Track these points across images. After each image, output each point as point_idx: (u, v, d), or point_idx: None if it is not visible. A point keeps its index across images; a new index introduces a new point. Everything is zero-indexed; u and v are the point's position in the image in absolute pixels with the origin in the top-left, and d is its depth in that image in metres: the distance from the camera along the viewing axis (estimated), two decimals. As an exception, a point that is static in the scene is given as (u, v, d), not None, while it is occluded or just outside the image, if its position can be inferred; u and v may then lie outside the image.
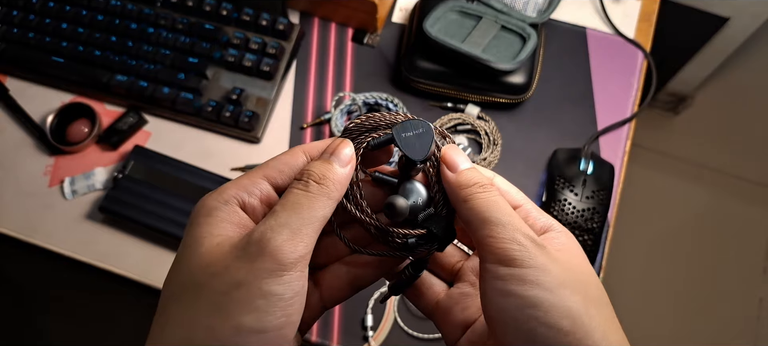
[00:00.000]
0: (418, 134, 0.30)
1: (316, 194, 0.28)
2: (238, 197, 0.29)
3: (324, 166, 0.29)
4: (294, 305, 0.26)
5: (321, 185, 0.28)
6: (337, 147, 0.30)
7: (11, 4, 0.76)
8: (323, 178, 0.29)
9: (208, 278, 0.26)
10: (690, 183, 1.58)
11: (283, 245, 0.26)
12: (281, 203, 0.28)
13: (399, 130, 0.31)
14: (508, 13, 0.71)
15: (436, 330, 0.63)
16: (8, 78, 0.76)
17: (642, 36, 0.77)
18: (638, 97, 0.74)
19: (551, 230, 0.31)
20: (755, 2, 1.06)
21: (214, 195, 0.29)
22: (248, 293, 0.25)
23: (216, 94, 0.72)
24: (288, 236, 0.26)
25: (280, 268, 0.26)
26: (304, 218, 0.27)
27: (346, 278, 0.33)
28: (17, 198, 0.70)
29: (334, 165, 0.30)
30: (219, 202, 0.29)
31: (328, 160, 0.30)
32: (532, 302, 0.26)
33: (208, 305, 0.26)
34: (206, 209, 0.29)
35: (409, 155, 0.30)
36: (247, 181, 0.30)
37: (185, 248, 0.28)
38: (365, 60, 0.76)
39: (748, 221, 1.54)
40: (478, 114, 0.71)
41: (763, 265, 1.50)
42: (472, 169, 0.31)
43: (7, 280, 1.36)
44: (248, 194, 0.29)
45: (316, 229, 0.28)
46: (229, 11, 0.74)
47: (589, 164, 0.66)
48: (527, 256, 0.27)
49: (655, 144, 1.61)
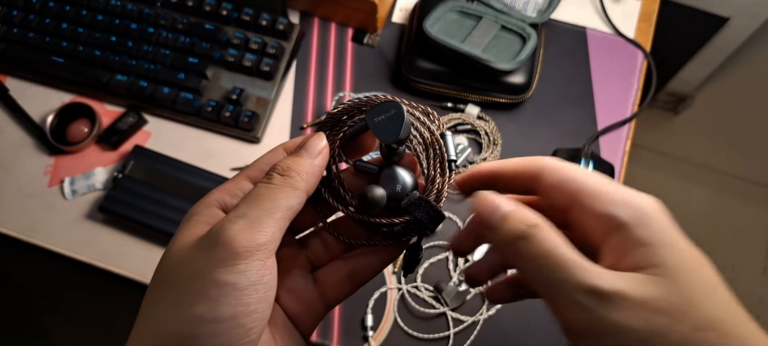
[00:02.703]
0: (390, 116, 0.29)
1: (279, 185, 0.28)
2: (220, 199, 0.30)
3: (290, 159, 0.29)
4: (251, 295, 0.26)
5: (285, 176, 0.28)
6: (309, 140, 0.30)
7: (11, 4, 0.76)
8: (288, 169, 0.29)
9: (172, 273, 0.27)
10: (690, 183, 1.58)
11: (237, 235, 0.26)
12: (244, 197, 0.28)
13: (372, 115, 0.30)
14: (508, 13, 0.71)
15: (436, 330, 0.63)
16: (8, 78, 0.76)
17: (642, 36, 0.77)
18: (638, 97, 0.74)
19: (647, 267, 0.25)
20: (755, 2, 1.06)
21: (199, 201, 0.30)
22: (202, 283, 0.25)
23: (216, 94, 0.72)
24: (244, 225, 0.26)
25: (233, 257, 0.25)
26: (263, 208, 0.27)
27: (345, 273, 0.33)
28: (17, 198, 0.70)
29: (303, 157, 0.30)
30: (201, 206, 0.29)
31: (297, 153, 0.30)
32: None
33: (169, 297, 0.26)
34: (188, 214, 0.29)
35: (381, 139, 0.29)
36: (231, 184, 0.30)
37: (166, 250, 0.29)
38: (365, 60, 0.76)
39: (748, 221, 1.54)
40: (478, 114, 0.71)
41: (763, 265, 1.50)
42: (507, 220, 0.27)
43: (8, 280, 1.36)
44: (231, 196, 0.30)
45: (278, 219, 0.27)
46: (229, 11, 0.74)
47: (589, 164, 0.66)
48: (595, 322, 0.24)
49: (655, 144, 1.61)
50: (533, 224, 0.26)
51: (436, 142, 0.32)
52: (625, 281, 0.24)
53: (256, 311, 0.26)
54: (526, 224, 0.26)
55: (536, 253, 0.26)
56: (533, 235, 0.26)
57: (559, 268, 0.25)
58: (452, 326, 0.63)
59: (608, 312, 0.24)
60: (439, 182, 0.31)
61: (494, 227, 0.27)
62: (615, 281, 0.24)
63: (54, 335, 1.34)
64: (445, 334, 0.62)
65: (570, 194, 0.28)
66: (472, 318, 0.63)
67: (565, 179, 0.28)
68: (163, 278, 0.27)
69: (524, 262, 0.26)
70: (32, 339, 1.33)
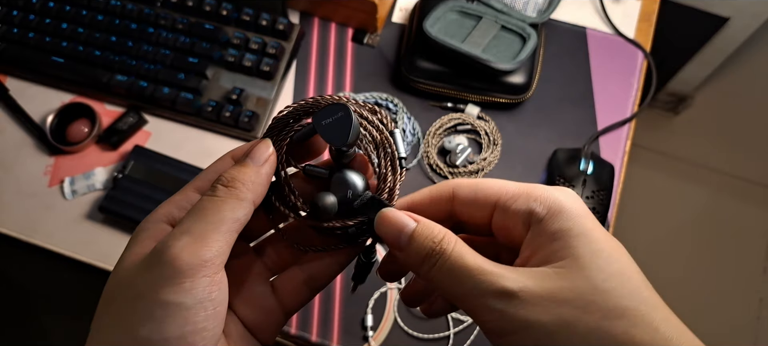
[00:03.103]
0: (338, 119, 0.29)
1: (224, 196, 0.27)
2: (168, 214, 0.29)
3: (235, 169, 0.28)
4: (199, 313, 0.25)
5: (229, 188, 0.28)
6: (254, 147, 0.29)
7: (11, 4, 0.76)
8: (232, 180, 0.28)
9: (118, 293, 0.26)
10: (690, 183, 1.58)
11: (181, 252, 0.25)
12: (189, 211, 0.27)
13: (319, 118, 0.29)
14: (508, 13, 0.71)
15: (436, 330, 0.63)
16: (8, 78, 0.76)
17: (642, 36, 0.77)
18: (638, 97, 0.74)
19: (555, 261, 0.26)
20: (755, 2, 1.06)
21: (147, 216, 0.29)
22: (147, 303, 0.24)
23: (216, 94, 0.72)
24: (188, 241, 0.25)
25: (178, 275, 0.24)
26: (208, 221, 0.26)
27: (302, 279, 0.32)
28: (17, 198, 0.70)
29: (248, 166, 0.29)
30: (149, 222, 0.29)
31: (242, 162, 0.29)
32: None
33: (116, 318, 0.25)
34: (136, 230, 0.29)
35: (330, 143, 0.29)
36: (179, 196, 0.30)
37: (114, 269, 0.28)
38: (365, 60, 0.76)
39: (748, 221, 1.54)
40: (478, 114, 0.71)
41: (763, 265, 1.50)
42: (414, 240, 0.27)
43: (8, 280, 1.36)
44: (178, 209, 0.29)
45: (224, 233, 0.26)
46: (229, 11, 0.74)
47: (589, 164, 0.66)
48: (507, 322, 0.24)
49: (655, 144, 1.61)
50: (440, 239, 0.27)
51: (386, 140, 0.31)
52: (531, 278, 0.25)
53: (205, 329, 0.25)
54: (433, 241, 0.27)
55: (446, 268, 0.26)
56: (441, 251, 0.27)
57: (468, 278, 0.26)
58: (452, 326, 0.63)
59: (516, 310, 0.24)
60: (390, 180, 0.31)
61: (403, 249, 0.28)
62: (520, 279, 0.25)
63: (54, 335, 1.34)
64: (445, 334, 0.62)
65: (488, 202, 0.29)
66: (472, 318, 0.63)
67: (479, 190, 0.29)
68: (110, 297, 0.27)
69: (437, 278, 0.27)
70: (32, 339, 1.33)
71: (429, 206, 0.31)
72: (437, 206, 0.31)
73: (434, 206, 0.31)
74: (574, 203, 0.27)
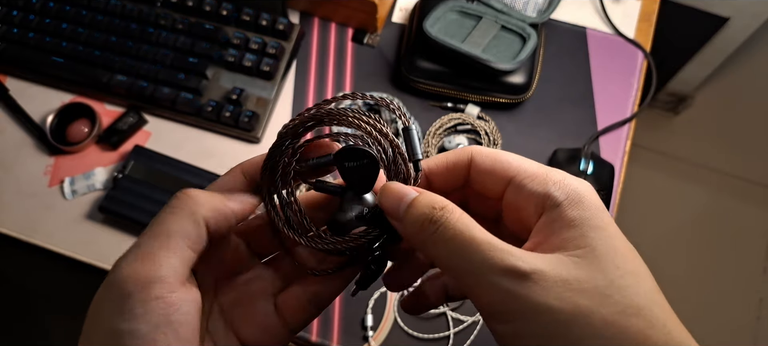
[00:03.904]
0: (363, 165, 0.27)
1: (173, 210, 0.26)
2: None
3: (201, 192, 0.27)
4: (159, 339, 0.22)
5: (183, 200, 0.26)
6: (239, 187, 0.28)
7: (11, 4, 0.76)
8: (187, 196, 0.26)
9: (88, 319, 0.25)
10: (690, 183, 1.58)
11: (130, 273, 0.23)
12: None
13: (342, 158, 0.27)
14: (508, 13, 0.71)
15: (436, 330, 0.63)
16: (8, 78, 0.76)
17: (642, 36, 0.77)
18: (638, 97, 0.74)
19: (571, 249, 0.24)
20: (755, 2, 1.06)
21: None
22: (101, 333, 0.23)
23: (216, 94, 0.72)
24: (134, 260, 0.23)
25: (127, 299, 0.22)
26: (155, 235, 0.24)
27: (306, 297, 0.30)
28: (17, 198, 0.70)
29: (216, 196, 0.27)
30: None
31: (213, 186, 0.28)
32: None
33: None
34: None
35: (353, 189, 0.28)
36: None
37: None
38: (365, 60, 0.76)
39: (748, 221, 1.54)
40: (478, 114, 0.71)
41: (763, 265, 1.50)
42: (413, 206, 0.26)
43: (8, 280, 1.36)
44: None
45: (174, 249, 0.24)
46: (229, 11, 0.74)
47: (589, 164, 0.66)
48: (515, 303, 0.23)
49: (655, 144, 1.61)
50: (441, 206, 0.25)
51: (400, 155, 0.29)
52: (545, 262, 0.23)
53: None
54: (433, 207, 0.25)
55: (447, 236, 0.24)
56: (442, 217, 0.24)
57: (473, 250, 0.23)
58: (452, 326, 0.63)
59: (528, 292, 0.22)
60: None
61: (401, 217, 0.26)
62: (533, 261, 0.23)
63: (54, 335, 1.34)
64: (445, 334, 0.62)
65: (505, 176, 0.27)
66: (472, 318, 0.63)
67: (498, 161, 0.28)
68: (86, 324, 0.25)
69: (436, 248, 0.24)
70: (32, 339, 1.33)
71: (445, 173, 0.29)
72: (454, 172, 0.29)
73: (451, 173, 0.29)
74: (592, 195, 0.26)
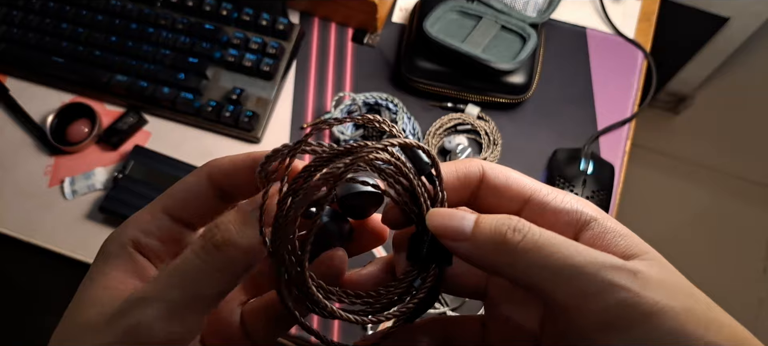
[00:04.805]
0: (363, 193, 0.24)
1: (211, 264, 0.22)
2: (135, 239, 0.24)
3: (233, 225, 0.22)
4: None
5: (220, 252, 0.22)
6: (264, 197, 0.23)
7: (11, 4, 0.76)
8: (225, 244, 0.22)
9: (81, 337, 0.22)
10: (690, 183, 1.58)
11: (152, 323, 0.21)
12: (169, 266, 0.22)
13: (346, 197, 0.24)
14: (508, 13, 0.71)
15: (436, 330, 0.63)
16: (8, 78, 0.76)
17: (642, 36, 0.77)
18: (638, 97, 0.74)
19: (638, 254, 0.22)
20: (755, 2, 1.06)
21: (112, 235, 0.25)
22: None
23: (216, 94, 0.72)
24: (161, 313, 0.21)
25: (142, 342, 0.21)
26: (188, 295, 0.22)
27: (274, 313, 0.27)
28: (17, 198, 0.70)
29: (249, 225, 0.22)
30: (114, 245, 0.24)
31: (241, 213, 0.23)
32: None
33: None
34: (104, 253, 0.24)
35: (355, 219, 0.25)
36: (146, 216, 0.25)
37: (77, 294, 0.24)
38: (365, 60, 0.76)
39: (748, 221, 1.54)
40: (478, 114, 0.71)
41: (763, 265, 1.50)
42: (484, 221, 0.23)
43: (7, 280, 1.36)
44: (145, 234, 0.24)
45: (202, 309, 0.22)
46: (229, 11, 0.74)
47: (589, 164, 0.66)
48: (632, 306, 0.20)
49: (655, 144, 1.61)
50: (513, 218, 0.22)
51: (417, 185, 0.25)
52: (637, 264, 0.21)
53: None
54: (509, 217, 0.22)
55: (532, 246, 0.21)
56: (525, 225, 0.22)
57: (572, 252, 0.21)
58: (452, 326, 0.63)
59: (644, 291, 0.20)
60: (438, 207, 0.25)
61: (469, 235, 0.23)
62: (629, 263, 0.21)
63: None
64: (445, 334, 0.62)
65: (521, 194, 0.24)
66: (472, 318, 0.63)
67: (512, 178, 0.25)
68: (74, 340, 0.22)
69: (526, 257, 0.21)
70: (32, 339, 1.33)
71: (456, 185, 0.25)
72: (465, 185, 0.25)
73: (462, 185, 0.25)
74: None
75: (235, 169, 0.25)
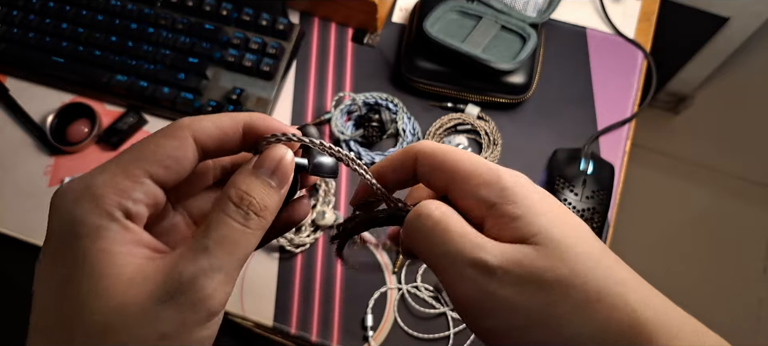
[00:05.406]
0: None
1: (255, 229, 0.25)
2: (122, 206, 0.24)
3: (265, 192, 0.25)
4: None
5: (261, 218, 0.25)
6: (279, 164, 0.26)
7: (11, 4, 0.76)
8: (263, 209, 0.25)
9: (124, 326, 0.22)
10: (690, 183, 1.58)
11: (215, 292, 0.23)
12: (213, 236, 0.23)
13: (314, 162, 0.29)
14: (508, 13, 0.71)
15: (436, 330, 0.63)
16: (8, 78, 0.76)
17: (642, 36, 0.77)
18: (638, 97, 0.74)
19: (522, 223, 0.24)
20: (755, 2, 1.06)
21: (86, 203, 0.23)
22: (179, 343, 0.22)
23: (216, 94, 0.72)
24: (222, 281, 0.23)
25: (210, 316, 0.23)
26: (238, 259, 0.24)
27: None
28: (17, 198, 0.70)
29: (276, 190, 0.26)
30: (102, 217, 0.23)
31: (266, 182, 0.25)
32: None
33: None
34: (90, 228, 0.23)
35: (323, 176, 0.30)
36: (127, 182, 0.24)
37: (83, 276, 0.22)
38: (365, 60, 0.76)
39: (748, 221, 1.54)
40: (478, 114, 0.71)
41: (763, 265, 1.50)
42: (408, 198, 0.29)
43: (7, 280, 1.36)
44: (133, 201, 0.24)
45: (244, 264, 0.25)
46: (229, 11, 0.74)
47: (589, 164, 0.66)
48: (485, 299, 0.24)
49: (655, 144, 1.61)
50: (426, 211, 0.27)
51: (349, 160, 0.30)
52: (512, 254, 0.24)
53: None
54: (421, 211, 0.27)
55: (428, 226, 0.25)
56: (424, 206, 0.26)
57: (447, 239, 0.25)
58: (452, 326, 0.63)
59: (496, 289, 0.23)
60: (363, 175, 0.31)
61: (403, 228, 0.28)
62: (503, 255, 0.24)
63: (54, 335, 1.33)
64: (445, 334, 0.62)
65: (446, 176, 0.27)
66: (472, 318, 0.63)
67: (438, 162, 0.28)
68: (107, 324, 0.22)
69: (418, 237, 0.26)
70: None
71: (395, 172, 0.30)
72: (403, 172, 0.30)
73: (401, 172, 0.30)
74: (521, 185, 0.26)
75: (224, 134, 0.27)
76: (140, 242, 0.24)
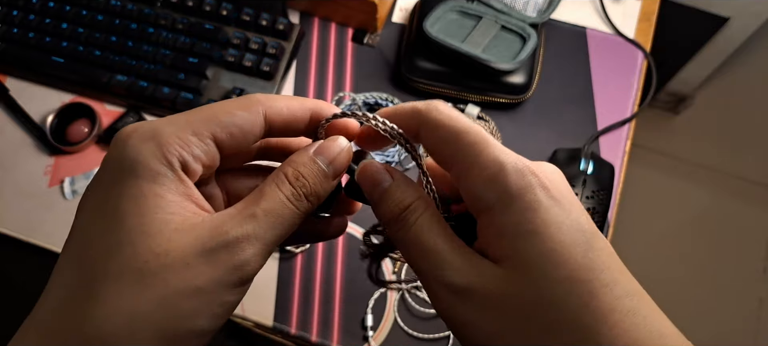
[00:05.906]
0: None
1: (301, 211, 0.25)
2: (182, 158, 0.24)
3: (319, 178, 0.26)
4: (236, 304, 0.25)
5: (309, 202, 0.26)
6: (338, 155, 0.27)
7: (11, 4, 0.76)
8: (313, 194, 0.26)
9: (162, 269, 0.22)
10: (690, 183, 1.58)
11: (252, 259, 0.23)
12: (263, 206, 0.24)
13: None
14: (508, 13, 0.71)
15: (436, 330, 0.63)
16: (8, 78, 0.76)
17: (642, 36, 0.77)
18: (638, 97, 0.74)
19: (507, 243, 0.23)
20: (755, 2, 1.06)
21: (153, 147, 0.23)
22: (208, 300, 0.23)
23: (216, 94, 0.72)
24: (260, 251, 0.24)
25: (242, 282, 0.24)
26: (279, 235, 0.25)
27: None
28: (17, 198, 0.70)
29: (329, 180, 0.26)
30: (162, 164, 0.23)
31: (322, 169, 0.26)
32: None
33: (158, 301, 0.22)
34: (149, 171, 0.23)
35: None
36: (194, 137, 0.24)
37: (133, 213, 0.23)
38: (365, 60, 0.76)
39: (748, 221, 1.55)
40: (478, 114, 0.71)
41: (763, 265, 1.50)
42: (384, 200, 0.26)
43: (7, 280, 1.36)
44: (193, 157, 0.24)
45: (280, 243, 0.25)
46: (229, 11, 0.74)
47: (589, 164, 0.66)
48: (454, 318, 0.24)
49: (655, 144, 1.61)
50: (405, 207, 0.25)
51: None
52: (482, 276, 0.23)
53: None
54: (400, 208, 0.25)
55: (407, 239, 0.25)
56: (405, 220, 0.25)
57: (424, 257, 0.24)
58: (452, 326, 0.63)
59: (459, 310, 0.23)
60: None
61: (375, 203, 0.27)
62: (471, 276, 0.23)
63: (54, 335, 1.33)
64: (445, 334, 0.62)
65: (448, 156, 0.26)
66: (472, 318, 0.63)
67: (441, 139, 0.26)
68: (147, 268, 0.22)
69: (398, 244, 0.26)
70: (32, 339, 1.33)
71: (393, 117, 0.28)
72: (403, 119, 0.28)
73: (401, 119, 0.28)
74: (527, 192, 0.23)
75: (293, 116, 0.27)
76: (191, 197, 0.24)
